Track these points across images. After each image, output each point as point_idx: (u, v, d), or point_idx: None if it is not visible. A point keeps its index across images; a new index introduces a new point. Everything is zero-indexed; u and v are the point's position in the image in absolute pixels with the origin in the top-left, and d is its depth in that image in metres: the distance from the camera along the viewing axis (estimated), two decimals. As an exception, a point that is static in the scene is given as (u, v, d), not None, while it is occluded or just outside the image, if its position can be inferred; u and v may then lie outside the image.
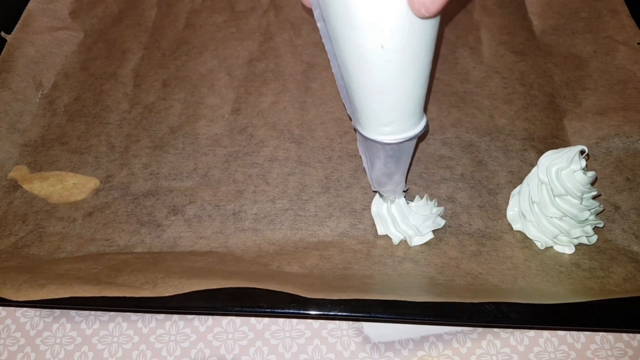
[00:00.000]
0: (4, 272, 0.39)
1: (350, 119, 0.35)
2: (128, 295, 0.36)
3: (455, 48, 0.56)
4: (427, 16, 0.25)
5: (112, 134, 0.50)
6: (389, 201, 0.40)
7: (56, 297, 0.36)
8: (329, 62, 0.31)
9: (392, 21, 0.25)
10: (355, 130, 0.35)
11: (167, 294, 0.36)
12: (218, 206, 0.45)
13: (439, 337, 0.39)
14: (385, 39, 0.26)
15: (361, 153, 0.37)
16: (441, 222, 0.42)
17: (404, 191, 0.40)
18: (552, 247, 0.41)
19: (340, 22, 0.27)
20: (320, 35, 0.30)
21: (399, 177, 0.38)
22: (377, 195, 0.41)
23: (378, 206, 0.41)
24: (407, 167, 0.37)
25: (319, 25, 0.29)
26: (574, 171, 0.37)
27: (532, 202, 0.40)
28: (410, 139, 0.33)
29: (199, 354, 0.39)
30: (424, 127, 0.33)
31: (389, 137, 0.32)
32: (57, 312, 0.41)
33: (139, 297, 0.37)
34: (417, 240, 0.41)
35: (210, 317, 0.41)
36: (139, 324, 0.41)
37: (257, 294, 0.37)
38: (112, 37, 0.59)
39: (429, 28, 0.27)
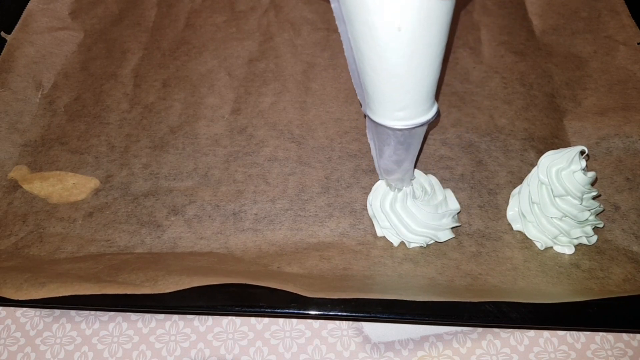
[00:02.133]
0: (4, 272, 0.39)
1: (361, 105, 0.34)
2: (129, 292, 0.36)
3: (455, 48, 0.56)
4: None
5: (112, 134, 0.50)
6: (394, 202, 0.40)
7: (57, 295, 0.36)
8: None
9: (410, 2, 0.25)
10: (365, 116, 0.34)
11: (167, 291, 0.36)
12: (218, 206, 0.45)
13: (439, 337, 0.40)
14: (403, 21, 0.26)
15: (370, 140, 0.37)
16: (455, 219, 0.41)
17: (411, 179, 0.40)
18: (551, 247, 0.41)
19: (355, 2, 0.26)
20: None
21: (408, 165, 0.37)
22: (371, 197, 0.41)
23: (386, 214, 0.41)
24: (417, 154, 0.37)
25: (332, 6, 0.28)
26: (574, 171, 0.37)
27: (532, 203, 0.40)
28: (422, 125, 0.32)
29: (199, 354, 0.39)
30: (435, 114, 0.32)
31: (401, 122, 0.32)
32: (57, 312, 0.41)
33: (140, 296, 0.37)
34: (443, 235, 0.41)
35: (210, 317, 0.41)
36: (139, 324, 0.41)
37: (257, 294, 0.37)
38: (112, 37, 0.59)
39: (446, 9, 0.26)
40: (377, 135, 0.34)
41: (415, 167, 0.41)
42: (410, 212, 0.40)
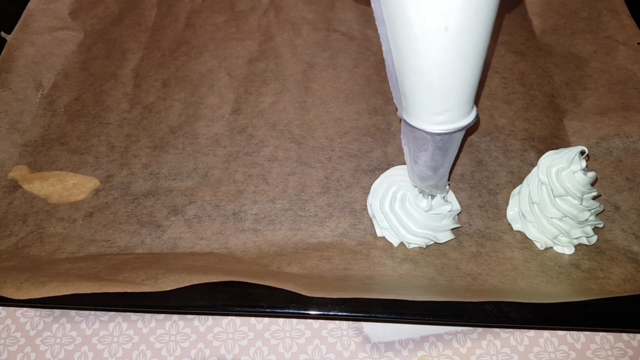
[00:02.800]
0: (4, 272, 0.39)
1: (397, 109, 0.33)
2: (129, 290, 0.36)
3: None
4: None
5: (112, 134, 0.50)
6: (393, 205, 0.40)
7: (57, 294, 0.36)
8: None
9: (459, 1, 0.24)
10: (401, 121, 0.33)
11: (168, 289, 0.36)
12: (218, 206, 0.45)
13: (439, 337, 0.40)
14: (449, 19, 0.25)
15: (404, 146, 0.35)
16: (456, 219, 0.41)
17: (445, 186, 0.39)
18: (551, 247, 0.41)
19: (399, 1, 0.25)
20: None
21: (444, 170, 0.36)
22: (370, 198, 0.41)
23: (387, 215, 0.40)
24: (453, 159, 0.35)
25: (373, 5, 0.27)
26: (574, 172, 0.37)
27: (532, 203, 0.40)
28: (462, 129, 0.31)
29: (199, 354, 0.39)
30: (475, 117, 0.31)
31: (441, 126, 0.30)
32: (57, 312, 0.41)
33: (140, 296, 0.37)
34: (443, 237, 0.40)
35: (210, 317, 0.41)
36: (139, 324, 0.41)
37: (257, 294, 0.37)
38: (112, 37, 0.59)
39: (492, 8, 0.26)
40: (414, 140, 0.33)
41: (451, 172, 0.40)
42: (410, 214, 0.40)
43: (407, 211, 0.40)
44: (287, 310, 0.37)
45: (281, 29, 0.59)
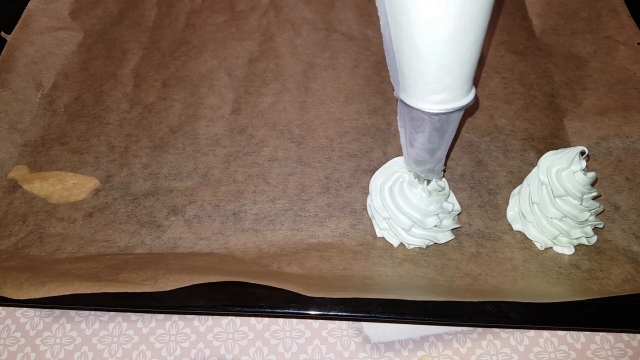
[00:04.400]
0: (4, 272, 0.39)
1: (394, 89, 0.32)
2: (129, 290, 0.36)
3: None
4: None
5: (112, 134, 0.50)
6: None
7: (57, 294, 0.36)
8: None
9: None
10: (397, 101, 0.32)
11: (168, 289, 0.36)
12: (218, 206, 0.45)
13: (439, 337, 0.40)
14: None
15: (400, 127, 0.34)
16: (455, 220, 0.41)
17: (442, 170, 0.38)
18: (551, 247, 0.41)
19: None
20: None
21: (441, 154, 0.35)
22: (370, 199, 0.41)
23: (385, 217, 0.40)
24: (450, 142, 0.34)
25: None
26: (574, 172, 0.37)
27: (532, 203, 0.40)
28: (460, 109, 0.30)
29: (199, 354, 0.39)
30: (474, 98, 0.30)
31: (439, 106, 0.30)
32: (57, 312, 0.41)
33: (140, 296, 0.37)
34: (443, 237, 0.40)
35: (210, 317, 0.41)
36: (139, 324, 0.41)
37: (257, 294, 0.37)
38: (112, 37, 0.59)
39: None
40: (411, 121, 0.32)
41: (448, 156, 0.38)
42: (406, 197, 0.39)
43: (404, 194, 0.39)
44: (287, 310, 0.37)
45: (281, 29, 0.59)
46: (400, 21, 0.27)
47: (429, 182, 0.38)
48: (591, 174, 0.38)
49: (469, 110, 0.32)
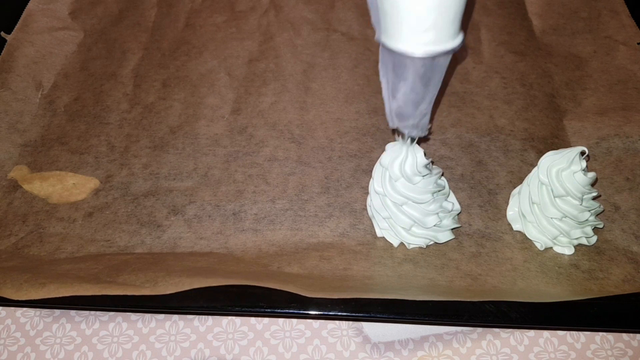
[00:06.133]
0: (4, 272, 0.39)
1: (375, 33, 0.31)
2: (129, 293, 0.36)
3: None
4: None
5: (112, 134, 0.50)
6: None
7: (57, 296, 0.36)
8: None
9: None
10: (379, 46, 0.30)
11: (168, 292, 0.36)
12: (218, 206, 0.45)
13: (439, 337, 0.40)
14: None
15: (381, 78, 0.32)
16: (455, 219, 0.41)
17: (427, 129, 0.35)
18: (551, 248, 0.41)
19: None
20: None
21: (425, 107, 0.32)
22: (370, 199, 0.41)
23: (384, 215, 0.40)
24: (436, 94, 0.32)
25: None
26: (575, 172, 0.37)
27: (532, 203, 0.40)
28: (446, 53, 0.28)
29: (199, 354, 0.39)
30: (462, 42, 0.28)
31: (423, 48, 0.28)
32: (57, 312, 0.41)
33: (139, 296, 0.37)
34: (443, 237, 0.40)
35: (210, 317, 0.41)
36: (139, 324, 0.41)
37: (257, 294, 0.37)
38: (112, 37, 0.59)
39: None
40: (393, 68, 0.30)
41: (434, 113, 0.35)
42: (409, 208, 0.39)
43: (396, 186, 0.38)
44: (287, 311, 0.37)
45: (281, 29, 0.59)
46: None
47: (412, 140, 0.36)
48: (591, 174, 0.38)
49: (456, 56, 0.30)
